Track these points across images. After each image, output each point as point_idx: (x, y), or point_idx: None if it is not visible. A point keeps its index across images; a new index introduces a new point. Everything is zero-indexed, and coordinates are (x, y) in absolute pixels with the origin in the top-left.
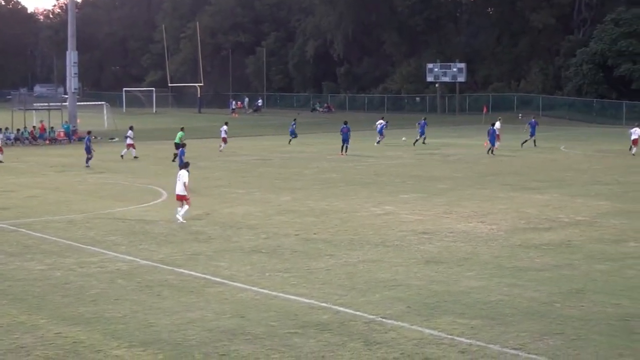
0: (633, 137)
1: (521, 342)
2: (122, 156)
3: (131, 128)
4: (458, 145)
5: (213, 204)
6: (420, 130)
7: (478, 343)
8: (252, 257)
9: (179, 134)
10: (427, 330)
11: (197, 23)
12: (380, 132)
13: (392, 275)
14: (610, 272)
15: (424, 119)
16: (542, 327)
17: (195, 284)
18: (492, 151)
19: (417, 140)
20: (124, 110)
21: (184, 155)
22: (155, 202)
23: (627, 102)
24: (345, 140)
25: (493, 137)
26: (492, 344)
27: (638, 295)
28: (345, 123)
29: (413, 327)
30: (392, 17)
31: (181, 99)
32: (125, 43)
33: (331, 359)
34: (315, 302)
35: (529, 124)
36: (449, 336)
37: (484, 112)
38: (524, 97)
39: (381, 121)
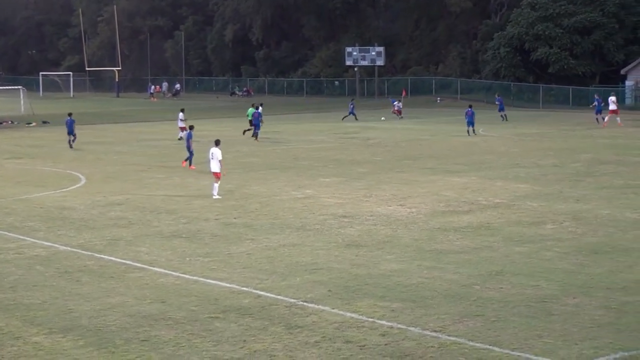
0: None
1: (441, 324)
2: (180, 138)
3: (182, 110)
4: (378, 128)
5: (132, 189)
6: (500, 106)
7: (399, 326)
8: (172, 242)
9: (250, 110)
10: (348, 314)
11: (115, 6)
12: (399, 108)
13: (313, 259)
14: (528, 254)
15: (498, 95)
16: (462, 309)
17: (115, 270)
18: (474, 131)
19: (504, 117)
20: (41, 95)
21: (191, 137)
22: (73, 187)
23: (544, 85)
24: (257, 126)
25: (471, 118)
26: (413, 326)
27: (556, 276)
28: (257, 107)
29: (334, 310)
30: (311, 1)
31: (99, 83)
32: (42, 27)
33: (252, 343)
34: (236, 287)
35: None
36: (370, 319)
37: (403, 95)
38: (443, 81)
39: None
